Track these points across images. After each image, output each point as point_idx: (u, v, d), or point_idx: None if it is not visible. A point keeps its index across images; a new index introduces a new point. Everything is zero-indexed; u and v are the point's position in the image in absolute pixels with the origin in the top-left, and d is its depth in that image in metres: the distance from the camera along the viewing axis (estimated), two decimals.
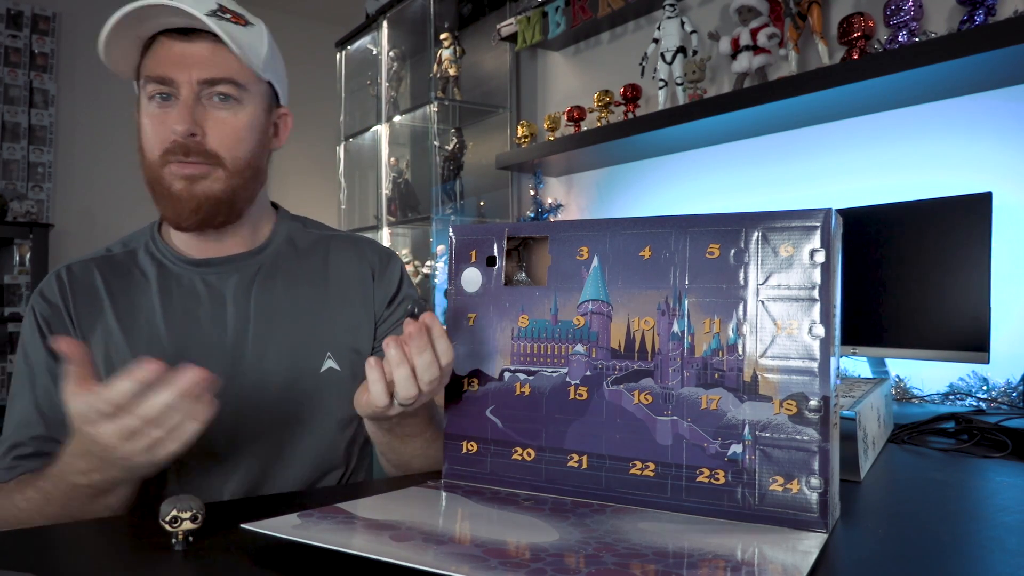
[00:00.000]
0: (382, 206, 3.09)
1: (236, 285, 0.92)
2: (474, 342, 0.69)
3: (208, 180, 0.86)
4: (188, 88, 0.83)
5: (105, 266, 0.92)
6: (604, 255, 0.63)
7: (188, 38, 0.84)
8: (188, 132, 0.83)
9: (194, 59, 0.83)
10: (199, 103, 0.84)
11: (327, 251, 1.00)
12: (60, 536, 0.61)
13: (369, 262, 1.01)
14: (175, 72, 0.83)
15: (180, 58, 0.83)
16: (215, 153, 0.85)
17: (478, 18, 2.90)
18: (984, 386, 1.38)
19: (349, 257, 1.00)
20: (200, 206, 0.86)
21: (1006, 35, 1.22)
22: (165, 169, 0.85)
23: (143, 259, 0.93)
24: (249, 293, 0.92)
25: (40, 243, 3.27)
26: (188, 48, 0.84)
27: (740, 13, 1.74)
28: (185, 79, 0.83)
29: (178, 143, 0.84)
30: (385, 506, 0.61)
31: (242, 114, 0.87)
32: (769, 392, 0.56)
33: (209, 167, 0.85)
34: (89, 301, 0.89)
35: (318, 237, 1.02)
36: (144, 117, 0.86)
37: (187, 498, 0.53)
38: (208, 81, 0.84)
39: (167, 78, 0.83)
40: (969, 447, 0.93)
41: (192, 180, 0.85)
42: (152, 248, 0.94)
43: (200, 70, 0.83)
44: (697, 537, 0.53)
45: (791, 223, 0.56)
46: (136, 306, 0.90)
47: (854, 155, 1.68)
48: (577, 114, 2.22)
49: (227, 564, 0.51)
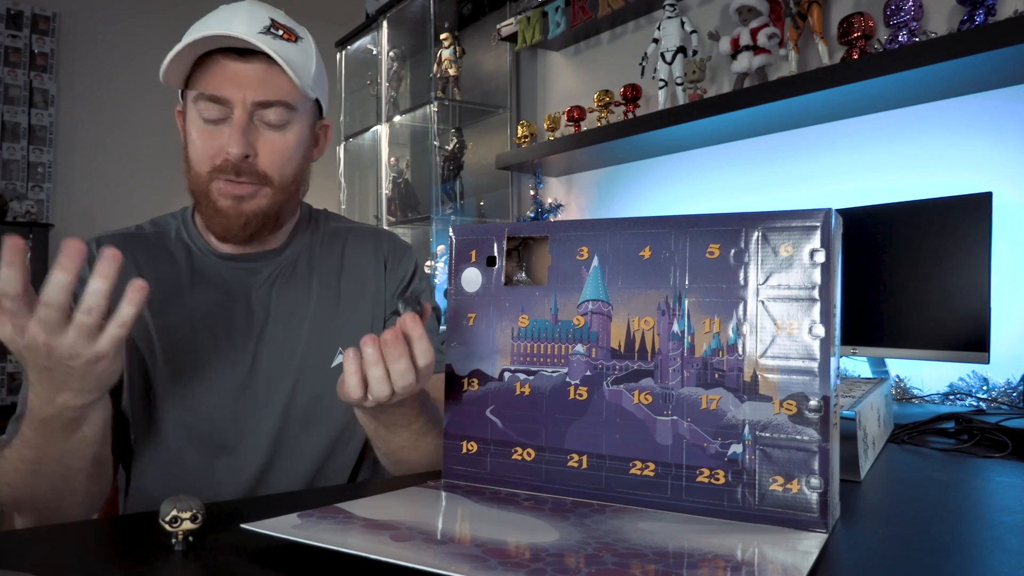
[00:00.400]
0: (382, 206, 3.09)
1: (261, 281, 0.94)
2: (474, 342, 0.69)
3: (256, 198, 0.87)
4: (242, 109, 0.84)
5: (136, 242, 0.93)
6: (604, 255, 0.63)
7: (244, 58, 0.85)
8: (243, 155, 0.84)
9: (249, 80, 0.84)
10: (251, 124, 0.85)
11: (344, 244, 1.01)
12: (60, 536, 0.61)
13: (384, 254, 1.02)
14: (230, 92, 0.84)
15: (235, 78, 0.84)
16: (264, 173, 0.87)
17: (478, 18, 2.90)
18: (984, 386, 1.38)
19: (365, 250, 1.01)
20: (248, 222, 0.88)
21: (1006, 35, 1.22)
22: (212, 185, 0.86)
23: (174, 243, 0.95)
24: (271, 290, 0.94)
25: (40, 243, 3.27)
26: (244, 68, 0.84)
27: (740, 13, 1.74)
28: (239, 100, 0.84)
29: (229, 162, 0.85)
30: (385, 506, 0.61)
31: (291, 134, 0.88)
32: (769, 392, 0.56)
33: (257, 186, 0.87)
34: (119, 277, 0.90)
35: (336, 230, 1.03)
36: (194, 130, 0.87)
37: (187, 498, 0.53)
38: (262, 103, 0.85)
39: (222, 98, 0.84)
40: (969, 447, 0.93)
41: (240, 199, 0.87)
42: (183, 234, 0.95)
43: (255, 92, 0.84)
44: (697, 537, 0.53)
45: (791, 223, 0.56)
46: (165, 286, 0.90)
47: (854, 155, 1.68)
48: (577, 114, 2.22)
49: (227, 564, 0.51)
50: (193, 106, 0.86)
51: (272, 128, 0.87)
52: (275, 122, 0.86)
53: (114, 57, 3.63)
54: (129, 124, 3.58)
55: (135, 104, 3.60)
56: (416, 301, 0.66)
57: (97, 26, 3.62)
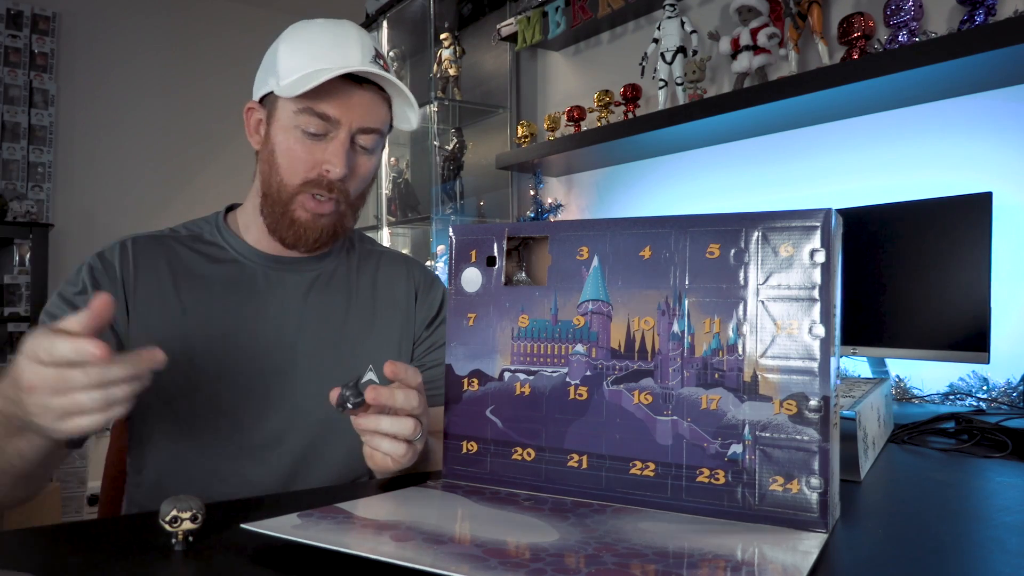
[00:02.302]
0: (382, 206, 3.09)
1: (296, 286, 0.96)
2: (474, 342, 0.69)
3: (334, 215, 0.91)
4: (347, 132, 0.88)
5: (173, 244, 0.94)
6: (604, 255, 0.63)
7: (360, 85, 0.88)
8: (343, 176, 0.88)
9: (360, 106, 0.88)
10: (351, 147, 0.89)
11: (378, 266, 1.04)
12: (60, 536, 0.61)
13: (416, 282, 1.05)
14: (340, 114, 0.87)
15: (348, 102, 0.87)
16: (348, 191, 0.91)
17: (478, 18, 2.90)
18: (984, 386, 1.38)
19: (398, 275, 1.05)
20: (322, 235, 0.92)
21: (1006, 35, 1.22)
22: (298, 197, 0.89)
23: (209, 246, 0.96)
24: (307, 296, 0.96)
25: (40, 243, 3.27)
26: (358, 94, 0.88)
27: (740, 13, 1.74)
28: (347, 123, 0.88)
29: (325, 179, 0.88)
30: (385, 506, 0.61)
31: (375, 158, 0.94)
32: (769, 392, 0.56)
33: (337, 203, 0.91)
34: (153, 272, 0.91)
35: (370, 251, 1.07)
36: (290, 140, 0.89)
37: (187, 498, 0.53)
38: (364, 129, 0.89)
39: (332, 118, 0.87)
40: (969, 447, 0.93)
41: (318, 215, 0.90)
42: (218, 237, 0.97)
43: (361, 118, 0.88)
44: (697, 537, 0.53)
45: (791, 223, 0.56)
46: (199, 288, 0.92)
47: (854, 155, 1.68)
48: (577, 114, 2.22)
49: (227, 564, 0.51)
50: (294, 116, 0.88)
51: (364, 152, 0.91)
52: (368, 146, 0.91)
53: (114, 57, 3.63)
54: (129, 124, 3.57)
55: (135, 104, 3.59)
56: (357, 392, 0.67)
57: (97, 26, 3.62)
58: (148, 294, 0.90)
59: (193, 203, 3.00)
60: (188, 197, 3.50)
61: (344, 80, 0.86)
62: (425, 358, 1.02)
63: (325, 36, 0.88)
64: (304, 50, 0.87)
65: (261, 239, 0.96)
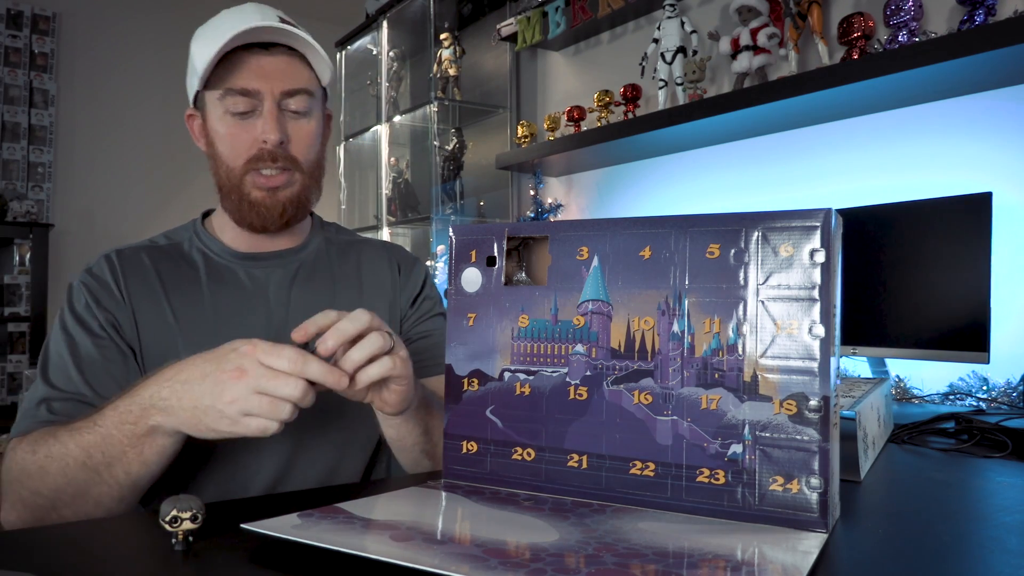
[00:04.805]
0: (382, 206, 3.08)
1: (279, 279, 0.97)
2: (474, 342, 0.69)
3: (290, 186, 0.92)
4: (271, 99, 0.88)
5: (154, 252, 0.95)
6: (604, 255, 0.63)
7: (268, 51, 0.89)
8: (279, 140, 0.89)
9: (275, 71, 0.89)
10: (280, 113, 0.89)
11: (360, 254, 1.05)
12: (60, 536, 0.61)
13: (397, 263, 1.06)
14: (259, 84, 0.88)
15: (262, 71, 0.88)
16: (295, 158, 0.91)
17: (478, 18, 2.90)
18: (984, 386, 1.38)
19: (380, 260, 1.06)
20: (285, 210, 0.92)
21: (1006, 35, 1.22)
22: (247, 178, 0.90)
23: (190, 251, 0.97)
24: (290, 288, 0.97)
25: (40, 243, 3.27)
26: (270, 61, 0.89)
27: (740, 13, 1.74)
28: (268, 90, 0.88)
29: (265, 151, 0.89)
30: (385, 506, 0.61)
31: (313, 121, 0.93)
32: (769, 392, 0.56)
33: (289, 173, 0.91)
34: (141, 282, 0.92)
35: (350, 240, 1.08)
36: (222, 127, 0.90)
37: (187, 498, 0.53)
38: (288, 92, 0.89)
39: (252, 90, 0.88)
40: (969, 447, 0.93)
41: (275, 190, 0.91)
42: (197, 242, 0.98)
43: (281, 82, 0.89)
44: (697, 537, 0.53)
45: (791, 223, 0.56)
46: (187, 293, 0.92)
47: (854, 155, 1.68)
48: (577, 114, 2.22)
49: (227, 564, 0.51)
50: (219, 103, 0.89)
51: (298, 116, 0.91)
52: (300, 109, 0.91)
53: (114, 57, 3.63)
54: (129, 124, 3.58)
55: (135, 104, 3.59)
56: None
57: (97, 26, 3.62)
58: (142, 299, 0.90)
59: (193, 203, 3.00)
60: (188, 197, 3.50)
61: (253, 52, 0.88)
62: (412, 331, 1.03)
63: (225, 18, 0.89)
64: (209, 37, 0.87)
65: (236, 238, 0.97)
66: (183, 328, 0.90)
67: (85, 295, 0.89)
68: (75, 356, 0.85)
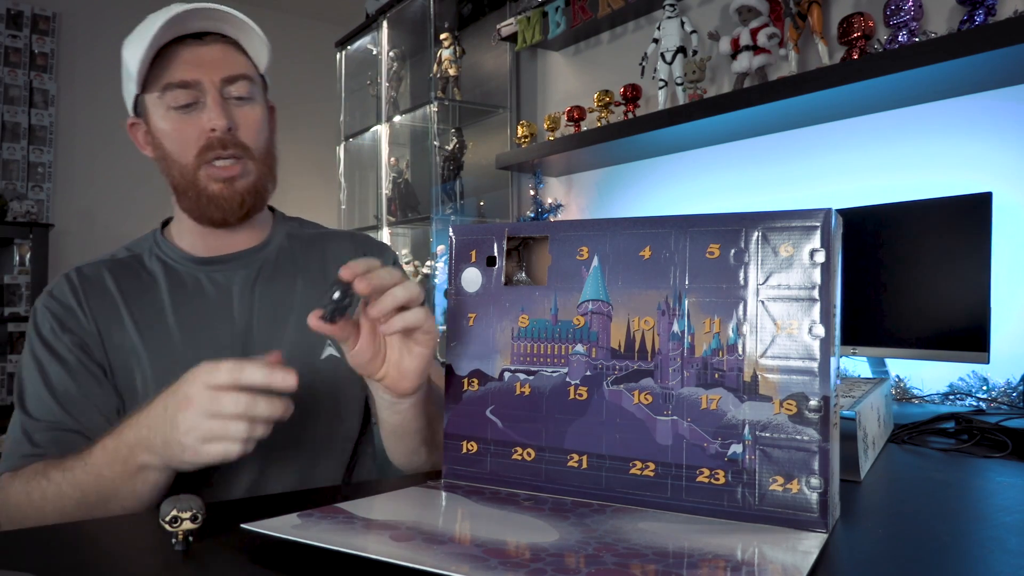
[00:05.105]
0: (382, 206, 3.08)
1: (242, 281, 0.95)
2: (474, 342, 0.69)
3: (245, 176, 0.90)
4: (213, 87, 0.87)
5: (114, 268, 0.94)
6: (604, 255, 0.63)
7: (203, 41, 0.88)
8: (227, 127, 0.87)
9: (212, 60, 0.88)
10: (224, 100, 0.88)
11: (325, 246, 1.03)
12: (60, 536, 0.61)
13: (363, 251, 1.04)
14: (197, 74, 0.87)
15: (199, 60, 0.87)
16: (246, 145, 0.90)
17: (478, 18, 2.90)
18: (984, 386, 1.38)
19: (345, 249, 1.03)
20: (243, 201, 0.90)
21: (1006, 35, 1.22)
22: (201, 172, 0.88)
23: (150, 261, 0.96)
24: (254, 288, 0.95)
25: (40, 243, 3.27)
26: (205, 50, 0.88)
27: (740, 13, 1.74)
28: (209, 79, 0.87)
29: (215, 139, 0.87)
30: (385, 506, 0.61)
31: (257, 107, 0.92)
32: (769, 392, 0.56)
33: (244, 162, 0.89)
34: (102, 300, 0.91)
35: (316, 234, 1.05)
36: (166, 124, 0.89)
37: (187, 498, 0.53)
38: (228, 79, 0.88)
39: (192, 81, 0.87)
40: (969, 447, 0.93)
41: (231, 180, 0.89)
42: (157, 251, 0.96)
43: (220, 69, 0.88)
44: (697, 537, 0.53)
45: (791, 223, 0.56)
46: (148, 306, 0.91)
47: (854, 155, 1.68)
48: (577, 114, 2.22)
49: (227, 564, 0.51)
50: (159, 102, 0.88)
51: (242, 102, 0.90)
52: (243, 95, 0.90)
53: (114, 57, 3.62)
54: None
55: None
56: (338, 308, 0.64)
57: (97, 26, 3.62)
58: (106, 318, 0.89)
59: None
60: None
61: (186, 44, 0.87)
62: None
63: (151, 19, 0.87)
64: (138, 39, 0.86)
65: (195, 243, 0.95)
66: (146, 344, 0.89)
67: (50, 320, 0.88)
68: (49, 386, 0.85)
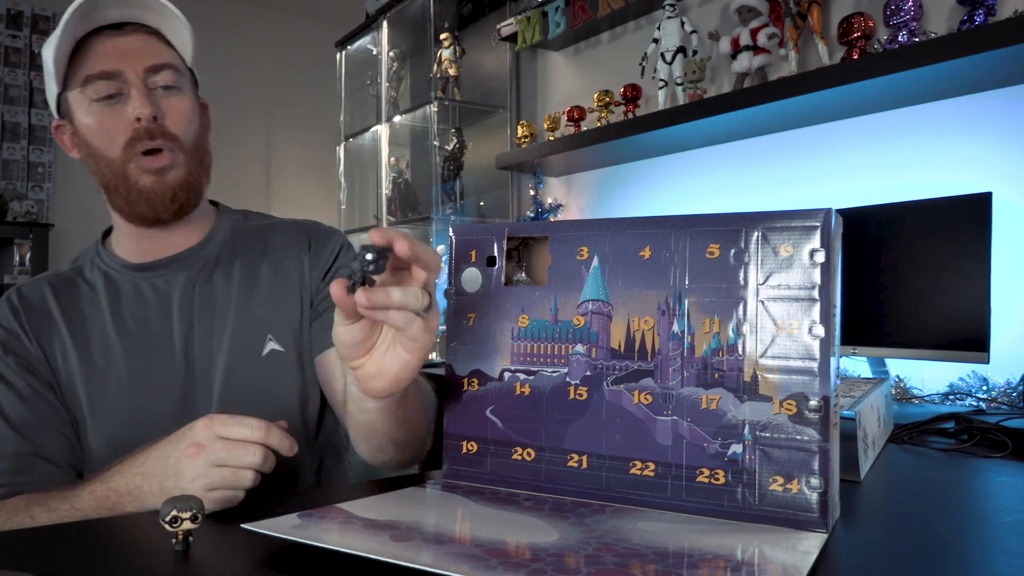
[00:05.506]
0: (382, 206, 3.08)
1: (183, 284, 0.93)
2: (474, 342, 0.69)
3: (175, 168, 0.88)
4: (136, 77, 0.85)
5: (55, 284, 0.92)
6: (604, 255, 0.63)
7: (123, 31, 0.86)
8: (152, 115, 0.85)
9: (134, 50, 0.86)
10: (149, 90, 0.86)
11: (268, 238, 0.99)
12: (60, 536, 0.61)
13: (307, 240, 0.99)
14: (119, 64, 0.85)
15: (119, 50, 0.85)
16: (175, 135, 0.87)
17: (478, 18, 2.90)
18: (984, 386, 1.38)
19: (289, 240, 0.99)
20: (175, 195, 0.88)
21: (1006, 35, 1.22)
22: (130, 165, 0.86)
23: (90, 273, 0.94)
24: (195, 288, 0.93)
25: (40, 243, 3.27)
26: (125, 40, 0.86)
27: (740, 13, 1.74)
28: (131, 69, 0.85)
29: (142, 129, 0.85)
30: (385, 506, 0.61)
31: (185, 98, 0.90)
32: (769, 392, 0.56)
33: (173, 153, 0.87)
34: (42, 320, 0.89)
35: (260, 226, 1.02)
36: (90, 118, 0.86)
37: (187, 498, 0.53)
38: (152, 68, 0.86)
39: (113, 71, 0.84)
40: (969, 447, 0.93)
41: (161, 172, 0.87)
42: (98, 261, 0.95)
43: (142, 59, 0.86)
44: (697, 537, 0.53)
45: (791, 223, 0.56)
46: (87, 320, 0.90)
47: (854, 155, 1.68)
48: (577, 114, 2.22)
49: (227, 564, 0.51)
50: (81, 97, 0.86)
51: (168, 91, 0.88)
52: (168, 84, 0.87)
53: None
54: None
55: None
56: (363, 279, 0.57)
57: None
58: (48, 339, 0.88)
59: None
60: None
61: (105, 34, 0.85)
62: (323, 303, 0.95)
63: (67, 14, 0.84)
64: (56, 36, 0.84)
65: (132, 249, 0.93)
66: (85, 361, 0.87)
67: None
68: (3, 416, 0.83)
